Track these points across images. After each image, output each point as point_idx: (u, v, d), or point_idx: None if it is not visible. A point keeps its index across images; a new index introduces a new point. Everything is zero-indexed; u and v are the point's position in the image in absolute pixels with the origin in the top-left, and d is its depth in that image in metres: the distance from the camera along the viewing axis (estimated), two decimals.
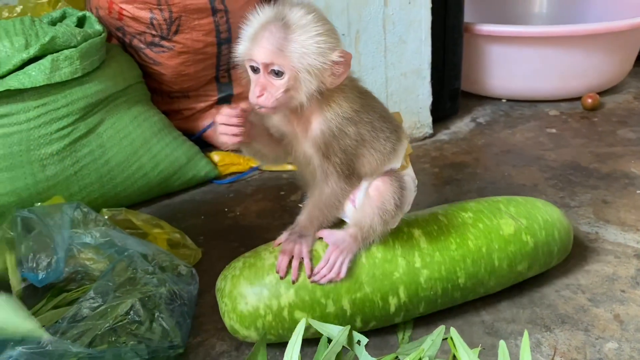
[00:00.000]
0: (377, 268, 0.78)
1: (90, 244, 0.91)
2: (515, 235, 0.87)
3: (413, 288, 0.81)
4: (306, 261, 0.76)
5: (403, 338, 0.85)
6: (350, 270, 0.77)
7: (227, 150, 1.48)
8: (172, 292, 0.90)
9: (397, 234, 0.84)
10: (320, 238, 0.78)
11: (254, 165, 1.41)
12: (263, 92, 0.68)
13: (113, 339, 0.79)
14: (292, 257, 0.77)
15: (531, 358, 0.55)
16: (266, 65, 0.67)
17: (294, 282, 0.75)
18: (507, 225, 0.87)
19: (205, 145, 1.49)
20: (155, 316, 0.85)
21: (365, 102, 0.75)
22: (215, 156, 1.42)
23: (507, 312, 0.90)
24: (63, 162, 1.12)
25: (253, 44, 0.66)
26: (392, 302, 0.81)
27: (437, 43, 1.44)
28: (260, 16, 0.67)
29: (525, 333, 0.50)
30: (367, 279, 0.78)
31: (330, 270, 0.76)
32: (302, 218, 0.80)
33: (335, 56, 0.65)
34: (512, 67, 1.68)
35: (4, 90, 1.04)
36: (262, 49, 0.65)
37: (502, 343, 0.52)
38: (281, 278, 0.75)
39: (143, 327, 0.83)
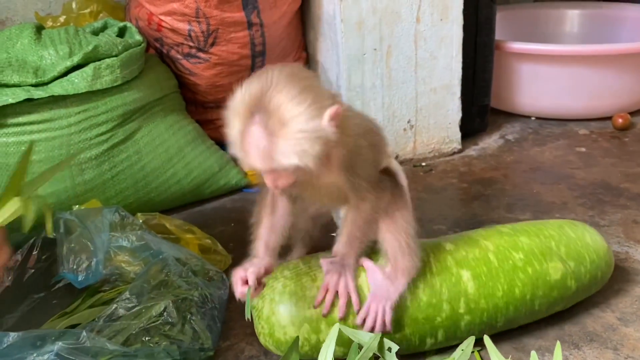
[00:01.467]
0: (420, 312, 0.77)
1: (127, 247, 0.94)
2: (561, 281, 0.86)
3: (452, 331, 0.80)
4: (354, 298, 0.73)
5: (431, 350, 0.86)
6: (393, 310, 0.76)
7: None
8: (204, 296, 0.92)
9: (445, 276, 0.82)
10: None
11: None
12: (277, 182, 0.63)
13: (146, 338, 0.81)
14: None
15: None
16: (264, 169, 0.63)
17: (340, 320, 0.72)
18: (555, 270, 0.85)
19: None
20: (187, 318, 0.87)
21: (352, 113, 0.74)
22: None
23: (534, 328, 0.90)
24: (101, 167, 1.15)
25: (242, 151, 0.61)
26: (429, 342, 0.80)
27: (467, 59, 1.45)
28: (239, 109, 0.61)
29: (558, 345, 0.50)
30: (409, 322, 0.78)
31: (375, 322, 0.73)
32: (340, 245, 0.77)
33: (326, 125, 0.60)
34: (542, 85, 1.68)
35: (48, 97, 1.08)
36: (253, 158, 0.60)
37: (533, 354, 0.52)
38: (324, 316, 0.73)
39: (175, 328, 0.85)
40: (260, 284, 0.74)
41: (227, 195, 1.38)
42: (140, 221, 1.06)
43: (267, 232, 0.77)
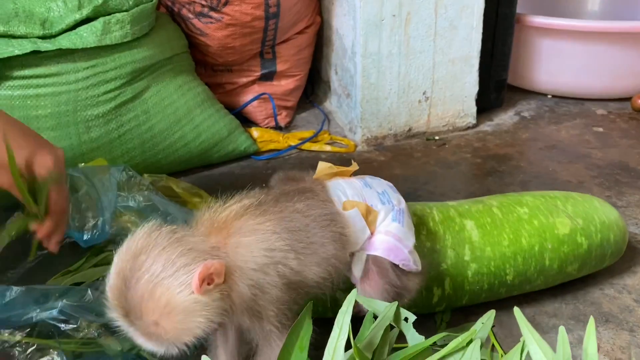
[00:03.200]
0: (425, 257, 0.75)
1: (134, 208, 0.92)
2: (570, 236, 0.84)
3: (459, 281, 0.79)
4: None
5: (441, 324, 0.84)
6: None
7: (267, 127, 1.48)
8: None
9: (448, 224, 0.82)
10: None
11: (292, 144, 1.40)
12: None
13: None
14: None
15: (570, 353, 0.53)
16: None
17: None
18: (563, 224, 0.84)
19: (245, 120, 1.48)
20: None
21: (270, 225, 0.62)
22: (255, 132, 1.42)
23: (549, 307, 0.88)
24: (108, 125, 1.12)
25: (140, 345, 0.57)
26: (436, 292, 0.79)
27: (487, 31, 1.41)
28: (112, 308, 0.56)
29: (591, 320, 0.48)
30: None
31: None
32: None
33: (197, 295, 0.54)
34: (562, 62, 1.63)
35: (56, 50, 1.05)
36: (152, 351, 0.57)
37: (561, 329, 0.50)
38: None
39: None
40: None
41: (235, 161, 1.35)
42: (148, 182, 1.03)
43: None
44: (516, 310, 0.46)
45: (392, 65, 1.32)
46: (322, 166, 0.73)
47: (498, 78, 1.54)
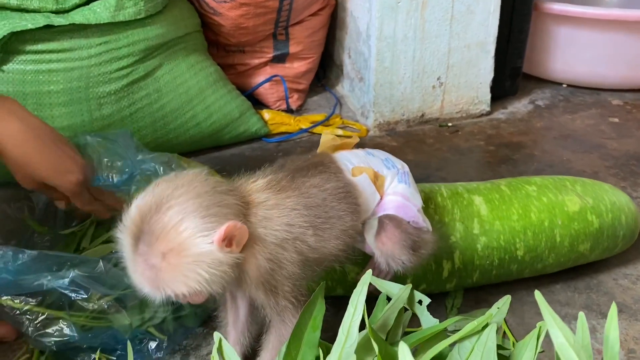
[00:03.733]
0: (433, 230, 0.75)
1: (151, 175, 0.92)
2: (580, 213, 0.83)
3: (469, 254, 0.79)
4: None
5: (451, 309, 0.83)
6: None
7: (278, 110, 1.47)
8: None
9: (457, 199, 0.82)
10: None
11: (303, 127, 1.39)
12: (185, 301, 0.58)
13: None
14: None
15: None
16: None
17: None
18: (572, 202, 0.83)
19: (256, 102, 1.47)
20: None
21: (291, 201, 0.62)
22: (266, 114, 1.41)
23: (561, 295, 0.87)
24: (119, 103, 1.11)
25: (133, 279, 0.57)
26: (446, 266, 0.78)
27: (504, 17, 1.38)
28: (125, 232, 0.56)
29: (613, 306, 0.47)
30: None
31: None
32: None
33: (216, 248, 0.54)
34: (578, 51, 1.61)
35: (69, 25, 1.04)
36: (144, 289, 0.56)
37: (581, 315, 0.49)
38: None
39: None
40: None
41: (246, 143, 1.34)
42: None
43: (233, 343, 0.70)
44: (537, 293, 0.46)
45: (407, 50, 1.30)
46: (326, 137, 0.72)
47: (513, 65, 1.52)
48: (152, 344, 0.75)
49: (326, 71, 1.67)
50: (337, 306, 0.64)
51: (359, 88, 1.44)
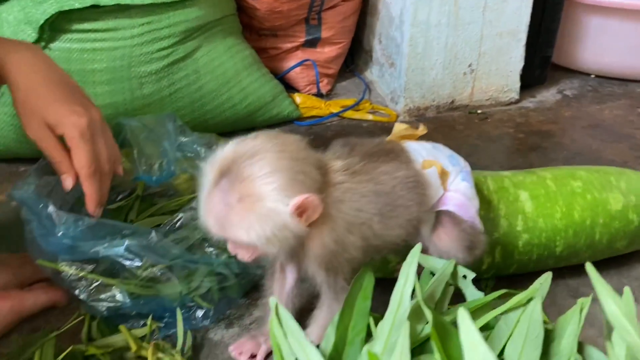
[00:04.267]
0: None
1: (194, 151, 0.94)
2: (622, 212, 0.84)
3: (509, 250, 0.80)
4: None
5: (485, 289, 0.85)
6: None
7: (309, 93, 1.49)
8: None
9: (503, 194, 0.82)
10: None
11: (334, 111, 1.41)
12: (236, 252, 0.62)
13: (208, 249, 0.82)
14: None
15: None
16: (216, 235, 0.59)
17: None
18: (615, 200, 0.84)
19: (287, 86, 1.49)
20: None
21: (363, 187, 0.63)
22: (297, 98, 1.43)
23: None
24: (160, 83, 1.14)
25: (203, 211, 0.58)
26: (486, 260, 0.80)
27: (537, 6, 1.39)
28: (212, 167, 0.57)
29: (627, 290, 0.50)
30: None
31: None
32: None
33: (287, 213, 0.55)
34: (608, 41, 1.61)
35: (114, 4, 1.06)
36: (208, 222, 0.58)
37: (626, 289, 0.51)
38: None
39: None
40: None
41: (278, 126, 1.37)
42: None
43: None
44: (588, 265, 0.48)
45: (440, 36, 1.32)
46: (399, 127, 0.73)
47: (543, 54, 1.52)
48: (199, 313, 0.78)
49: (354, 57, 1.69)
50: (377, 288, 0.66)
51: (389, 74, 1.45)
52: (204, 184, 0.57)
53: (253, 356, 0.73)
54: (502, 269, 0.82)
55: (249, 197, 0.55)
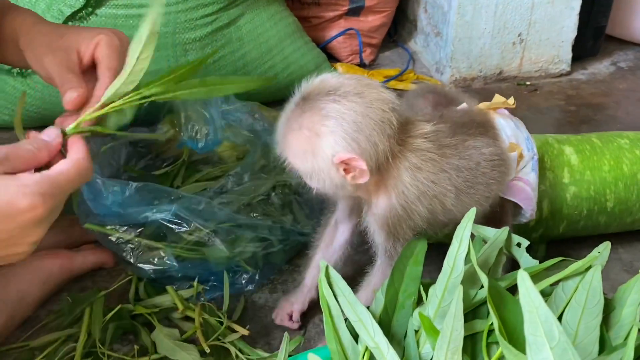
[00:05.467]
0: None
1: (234, 125, 0.94)
2: None
3: (558, 203, 0.78)
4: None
5: (536, 258, 0.83)
6: None
7: (352, 64, 1.47)
8: (303, 185, 0.92)
9: (547, 148, 0.81)
10: None
11: (377, 81, 1.38)
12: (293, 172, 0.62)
13: (252, 214, 0.82)
14: None
15: None
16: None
17: None
18: None
19: (329, 56, 1.47)
20: (288, 203, 0.88)
21: (447, 161, 0.61)
22: (340, 68, 1.41)
23: None
24: (203, 50, 1.14)
25: (277, 126, 0.60)
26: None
27: None
28: (303, 89, 0.59)
29: None
30: None
31: None
32: None
33: (333, 161, 0.56)
34: None
35: None
36: (277, 137, 0.60)
37: None
38: None
39: (277, 210, 0.86)
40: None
41: None
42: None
43: (314, 264, 0.73)
44: None
45: (489, 4, 1.27)
46: (498, 99, 0.71)
47: (597, 25, 1.45)
48: (244, 277, 0.79)
49: (398, 27, 1.65)
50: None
51: (434, 43, 1.42)
52: (293, 97, 0.59)
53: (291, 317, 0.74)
54: (551, 226, 0.80)
55: (309, 130, 0.55)
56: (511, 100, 0.71)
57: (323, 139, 0.55)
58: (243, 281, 0.79)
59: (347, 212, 0.68)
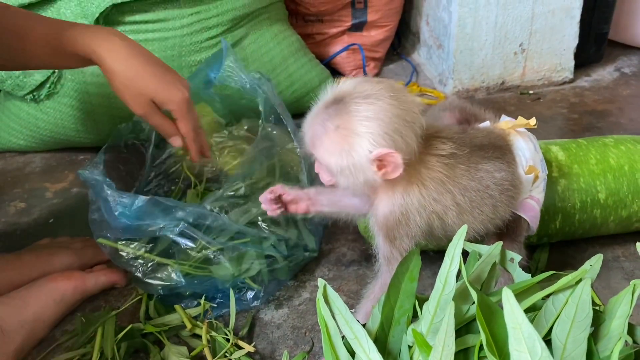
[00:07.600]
0: None
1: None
2: None
3: (550, 197, 0.80)
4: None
5: (536, 271, 0.84)
6: None
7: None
8: None
9: None
10: None
11: None
12: (319, 171, 0.66)
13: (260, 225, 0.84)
14: None
15: None
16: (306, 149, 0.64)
17: None
18: None
19: (333, 71, 1.50)
20: (292, 219, 0.90)
21: (455, 181, 0.64)
22: None
23: None
24: None
25: (305, 126, 0.62)
26: None
27: None
28: (331, 92, 0.61)
29: None
30: None
31: None
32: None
33: (370, 157, 0.58)
34: None
35: None
36: (306, 137, 0.62)
37: None
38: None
39: (281, 227, 0.88)
40: (286, 209, 0.75)
41: None
42: (245, 127, 1.08)
43: (328, 195, 0.75)
44: (639, 245, 0.46)
45: (489, 15, 1.29)
46: (521, 121, 0.72)
47: (599, 31, 1.46)
48: (250, 294, 0.81)
49: (401, 40, 1.67)
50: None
51: (437, 55, 1.43)
52: (317, 103, 0.62)
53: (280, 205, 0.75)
54: (546, 220, 0.82)
55: (345, 130, 0.58)
56: (533, 121, 0.73)
57: (362, 137, 0.58)
58: (249, 298, 0.81)
59: (360, 209, 0.72)
